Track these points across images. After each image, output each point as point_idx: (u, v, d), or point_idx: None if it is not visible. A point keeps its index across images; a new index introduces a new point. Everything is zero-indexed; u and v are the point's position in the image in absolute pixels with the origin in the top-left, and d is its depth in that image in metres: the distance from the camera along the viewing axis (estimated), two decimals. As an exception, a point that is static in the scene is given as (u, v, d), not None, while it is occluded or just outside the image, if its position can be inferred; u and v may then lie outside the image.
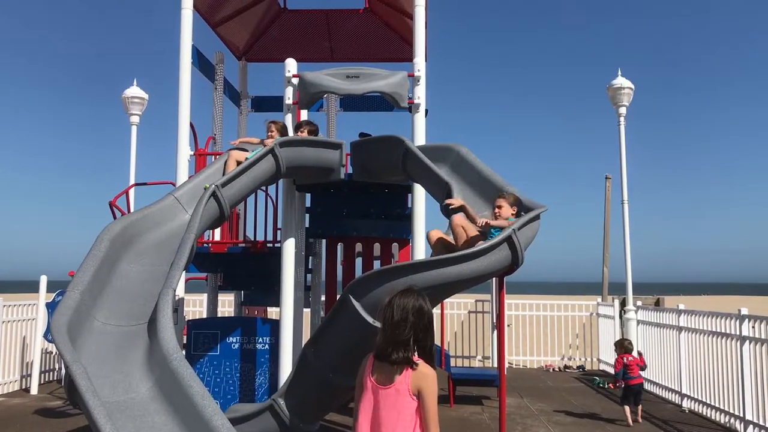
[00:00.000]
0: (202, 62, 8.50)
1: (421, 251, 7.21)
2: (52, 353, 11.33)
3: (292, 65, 7.40)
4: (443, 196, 5.78)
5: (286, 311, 7.29)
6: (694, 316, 9.06)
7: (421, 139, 7.30)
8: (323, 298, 9.71)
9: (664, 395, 10.04)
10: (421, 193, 7.25)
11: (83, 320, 4.58)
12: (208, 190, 5.86)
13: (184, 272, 5.90)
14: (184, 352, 7.46)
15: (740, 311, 7.84)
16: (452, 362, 11.07)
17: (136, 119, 13.21)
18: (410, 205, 7.66)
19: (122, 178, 13.02)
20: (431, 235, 5.53)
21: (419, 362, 2.95)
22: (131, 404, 4.17)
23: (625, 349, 8.72)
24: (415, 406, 2.94)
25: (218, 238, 8.69)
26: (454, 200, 5.41)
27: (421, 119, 7.37)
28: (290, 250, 7.36)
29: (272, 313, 11.72)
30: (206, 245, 8.35)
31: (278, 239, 8.35)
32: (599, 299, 14.36)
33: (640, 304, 12.40)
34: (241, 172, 6.21)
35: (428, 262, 4.85)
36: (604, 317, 13.23)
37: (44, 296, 10.67)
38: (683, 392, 9.31)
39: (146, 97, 13.35)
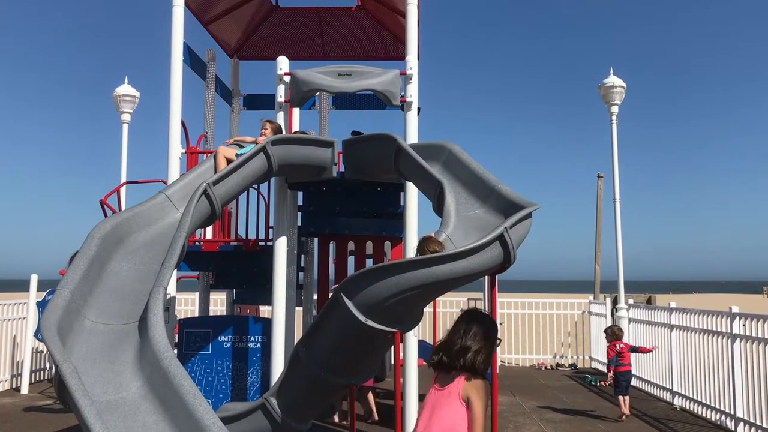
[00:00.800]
0: (193, 60, 8.46)
1: (413, 249, 7.20)
2: (42, 352, 11.28)
3: (283, 63, 7.38)
4: (435, 194, 5.78)
5: (278, 310, 7.27)
6: (685, 314, 9.10)
7: (413, 137, 7.30)
8: (315, 296, 9.71)
9: (655, 393, 10.08)
10: (413, 191, 7.25)
11: (73, 319, 4.55)
12: (199, 188, 5.83)
13: (175, 271, 5.87)
14: (175, 351, 7.44)
15: (731, 309, 7.88)
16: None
17: (127, 117, 13.16)
18: (402, 203, 7.65)
19: (113, 175, 12.97)
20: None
21: (472, 374, 3.26)
22: (122, 403, 4.15)
23: (615, 336, 8.76)
24: (463, 411, 3.23)
25: (210, 236, 8.66)
26: None
27: (413, 117, 7.37)
28: (282, 248, 7.34)
29: (264, 311, 11.71)
30: (198, 243, 8.32)
31: (270, 237, 8.33)
32: (591, 297, 14.41)
33: (631, 302, 12.44)
34: (232, 170, 6.18)
35: (420, 260, 4.84)
36: (596, 315, 13.28)
37: (35, 295, 10.61)
38: (674, 390, 9.35)
39: (137, 95, 13.30)
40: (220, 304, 13.26)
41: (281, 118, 7.38)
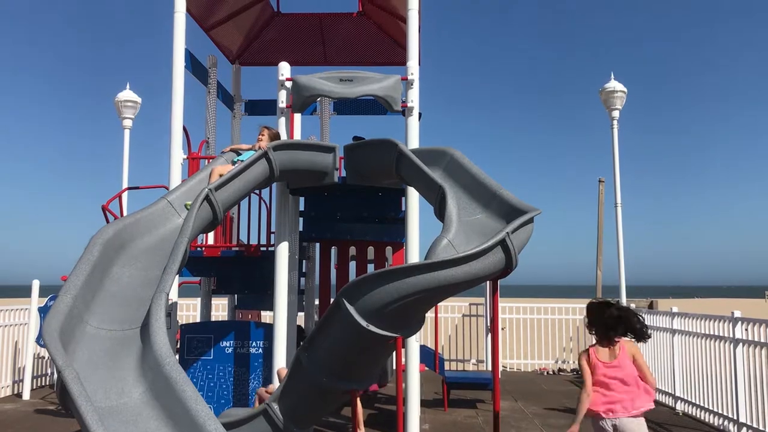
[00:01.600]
0: (195, 66, 8.48)
1: (415, 255, 7.21)
2: (44, 358, 11.28)
3: (285, 69, 7.40)
4: (437, 199, 5.78)
5: (279, 315, 7.27)
6: (687, 318, 9.09)
7: (414, 142, 7.31)
8: (317, 301, 9.71)
9: (658, 398, 10.06)
10: (414, 196, 7.25)
11: (75, 325, 4.55)
12: (201, 193, 5.84)
13: (177, 276, 5.88)
14: (177, 356, 7.43)
15: (733, 314, 7.87)
16: (446, 366, 11.06)
17: (128, 123, 13.18)
18: (404, 208, 7.66)
19: (115, 181, 12.99)
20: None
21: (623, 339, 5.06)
22: (124, 409, 4.15)
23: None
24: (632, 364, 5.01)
25: (211, 241, 8.66)
26: None
27: (414, 123, 7.38)
28: (284, 253, 7.34)
29: (266, 317, 11.70)
30: (199, 249, 8.32)
31: (272, 243, 8.33)
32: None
33: (633, 306, 12.42)
34: (234, 175, 6.19)
35: (421, 265, 4.83)
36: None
37: (36, 301, 10.61)
38: (677, 395, 9.33)
39: (139, 100, 13.33)
40: (221, 309, 13.26)
41: (282, 123, 7.39)
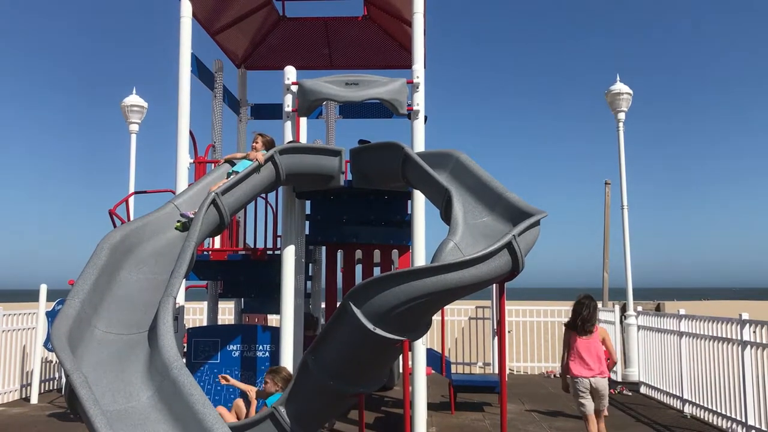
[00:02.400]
0: (201, 70, 8.51)
1: (421, 258, 7.21)
2: (52, 362, 11.31)
3: (291, 73, 7.42)
4: (443, 202, 5.78)
5: (286, 319, 7.28)
6: (695, 321, 9.06)
7: (420, 145, 7.32)
8: (323, 305, 9.71)
9: (665, 400, 10.03)
10: (420, 199, 7.26)
11: (83, 329, 4.57)
12: (208, 197, 5.86)
13: (184, 280, 5.90)
14: (184, 360, 7.45)
15: (741, 316, 7.84)
16: (453, 369, 11.05)
17: (135, 127, 13.24)
18: (410, 211, 7.66)
19: (122, 185, 13.04)
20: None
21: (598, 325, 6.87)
22: (132, 413, 4.16)
23: None
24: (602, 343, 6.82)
25: (218, 245, 8.68)
26: None
27: (420, 126, 7.39)
28: (290, 257, 7.36)
29: (272, 320, 11.71)
30: (206, 253, 8.34)
31: (278, 246, 8.35)
32: (600, 305, 14.34)
33: (640, 309, 12.39)
34: (241, 179, 6.21)
35: (428, 268, 4.84)
36: (604, 323, 13.21)
37: (44, 305, 10.65)
38: (685, 397, 9.29)
39: (146, 105, 13.39)
40: (228, 313, 13.27)
41: (288, 127, 7.41)
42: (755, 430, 7.52)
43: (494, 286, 8.47)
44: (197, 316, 13.87)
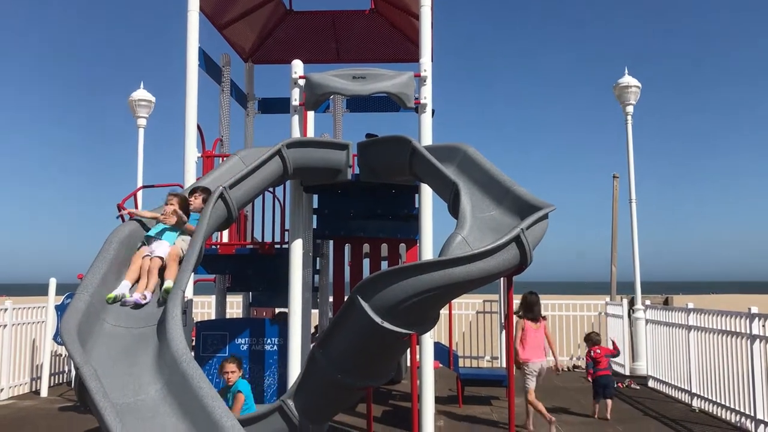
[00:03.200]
0: (208, 64, 8.52)
1: (429, 252, 7.20)
2: (61, 356, 11.38)
3: (298, 66, 7.42)
4: (451, 195, 5.77)
5: (294, 312, 7.30)
6: (703, 314, 9.02)
7: (427, 139, 7.30)
8: (331, 299, 9.73)
9: (673, 394, 10.00)
10: (428, 193, 7.25)
11: (93, 322, 4.60)
12: (215, 191, 5.86)
13: (192, 274, 5.92)
14: (192, 353, 7.48)
15: (750, 310, 7.81)
16: (460, 363, 11.05)
17: (143, 122, 13.27)
18: (417, 205, 7.66)
19: (130, 180, 13.08)
20: None
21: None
22: (141, 406, 4.19)
23: (592, 342, 9.11)
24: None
25: (226, 239, 8.70)
26: None
27: (427, 119, 7.37)
28: (298, 251, 7.37)
29: (280, 314, 11.73)
30: (214, 247, 8.36)
31: (286, 240, 8.37)
32: (608, 299, 14.32)
33: (648, 302, 12.35)
34: (248, 173, 6.22)
35: (436, 262, 4.85)
36: (612, 317, 13.20)
37: (53, 299, 10.72)
38: (693, 391, 9.27)
39: (153, 99, 13.41)
40: (236, 307, 13.31)
41: (296, 121, 7.41)
42: (764, 424, 7.49)
43: (502, 279, 8.47)
44: (205, 309, 13.92)
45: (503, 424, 8.12)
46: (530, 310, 8.18)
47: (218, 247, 8.44)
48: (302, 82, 7.32)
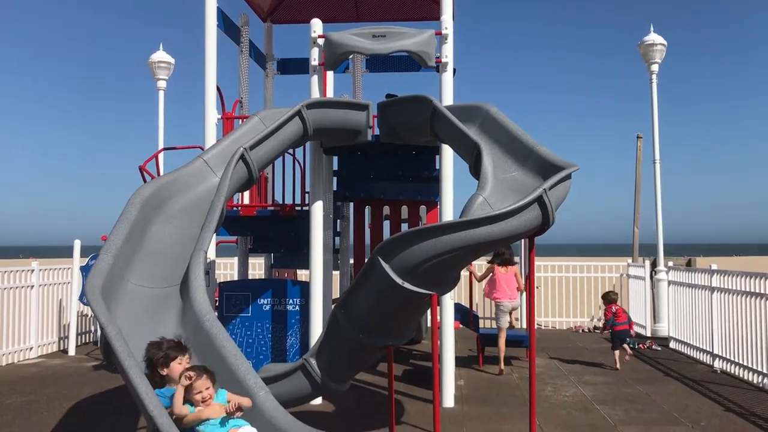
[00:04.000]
0: (227, 25, 8.44)
1: (449, 213, 7.18)
2: (87, 316, 11.60)
3: (317, 26, 7.33)
4: (472, 156, 5.71)
5: (315, 273, 7.34)
6: (727, 276, 8.94)
7: (448, 98, 7.21)
8: (351, 261, 9.77)
9: (695, 356, 9.98)
10: (449, 154, 7.19)
11: (117, 282, 4.65)
12: (236, 152, 5.84)
13: (214, 235, 5.95)
14: (216, 313, 7.57)
15: (775, 271, 7.72)
16: (480, 324, 11.08)
17: (163, 84, 13.27)
18: (438, 166, 7.60)
19: (151, 142, 13.14)
20: None
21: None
22: (166, 364, 4.24)
23: (610, 300, 9.70)
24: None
25: (247, 201, 8.74)
26: None
27: (448, 78, 7.27)
28: (318, 213, 7.38)
29: (302, 275, 11.83)
30: (235, 209, 8.40)
31: (306, 202, 8.38)
32: (630, 260, 14.24)
33: (671, 264, 12.26)
34: (268, 134, 6.19)
35: (456, 223, 4.82)
36: (634, 278, 13.13)
37: (78, 260, 10.89)
38: (714, 352, 9.24)
39: (173, 61, 13.38)
40: (258, 268, 13.43)
41: (315, 81, 7.35)
42: (787, 385, 7.46)
43: (523, 240, 8.44)
44: (228, 271, 14.07)
45: (523, 383, 8.17)
46: (499, 255, 9.09)
47: (240, 208, 8.47)
48: (321, 41, 7.23)
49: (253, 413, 3.96)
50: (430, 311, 5.40)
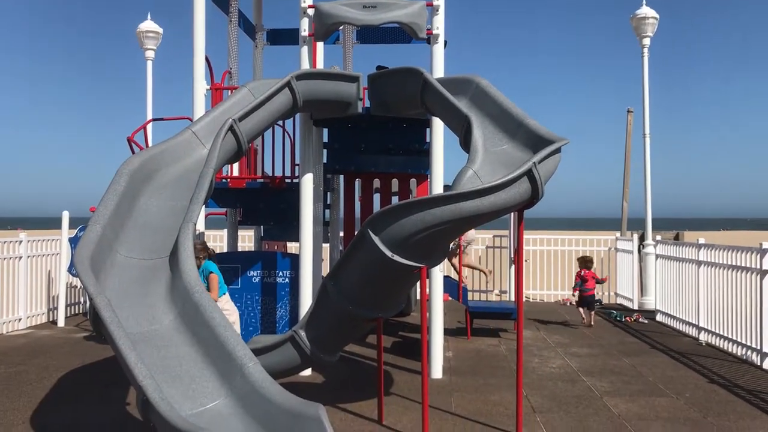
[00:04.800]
0: (216, -6, 8.33)
1: (439, 186, 7.18)
2: (76, 287, 11.59)
3: (307, -5, 7.24)
4: (462, 129, 5.70)
5: (305, 246, 7.35)
6: (714, 250, 9.02)
7: (439, 71, 7.17)
8: (342, 233, 9.78)
9: (681, 328, 10.11)
10: (439, 127, 7.17)
11: (106, 254, 4.64)
12: (225, 124, 5.80)
13: (203, 207, 5.93)
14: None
15: (762, 245, 7.79)
16: (469, 296, 11.16)
17: (151, 54, 13.12)
18: (428, 139, 7.58)
19: (139, 113, 13.03)
20: None
21: None
22: (155, 335, 4.26)
23: (582, 264, 10.63)
24: None
25: (236, 173, 8.70)
26: None
27: (439, 50, 7.22)
28: (308, 185, 7.36)
29: (292, 247, 11.84)
30: (225, 180, 8.37)
31: (296, 175, 8.35)
32: (618, 234, 14.33)
33: (659, 238, 12.35)
34: (257, 105, 6.15)
35: (446, 196, 4.82)
36: (622, 252, 13.23)
37: (67, 231, 10.84)
38: (700, 325, 9.36)
39: (161, 31, 13.22)
40: (248, 240, 13.43)
41: (305, 52, 7.28)
42: (770, 357, 7.58)
43: (513, 214, 8.46)
44: (217, 243, 14.06)
45: (511, 355, 8.26)
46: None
47: (229, 180, 8.44)
48: (311, 11, 7.15)
49: (242, 384, 3.98)
50: (419, 283, 5.43)
